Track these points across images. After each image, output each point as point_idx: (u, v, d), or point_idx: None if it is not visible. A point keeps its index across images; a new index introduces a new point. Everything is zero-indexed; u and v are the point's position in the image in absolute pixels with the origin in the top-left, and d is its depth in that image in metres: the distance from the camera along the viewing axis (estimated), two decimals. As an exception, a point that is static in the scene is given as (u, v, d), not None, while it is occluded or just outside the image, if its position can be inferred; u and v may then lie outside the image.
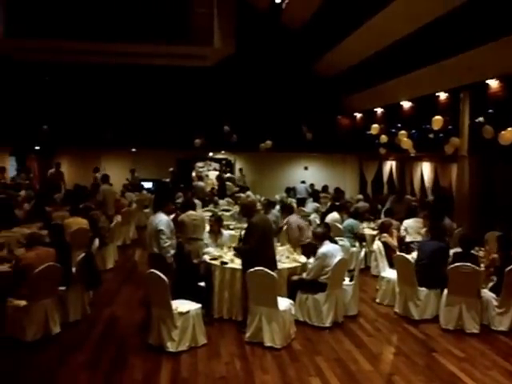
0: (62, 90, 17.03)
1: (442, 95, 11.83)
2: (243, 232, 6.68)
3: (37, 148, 17.69)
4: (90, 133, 16.43)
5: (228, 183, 16.60)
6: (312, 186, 16.06)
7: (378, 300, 7.89)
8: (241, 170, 19.13)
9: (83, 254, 6.80)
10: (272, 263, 6.29)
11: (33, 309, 5.93)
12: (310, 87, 17.88)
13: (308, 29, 16.10)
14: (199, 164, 19.81)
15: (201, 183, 15.49)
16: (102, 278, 7.48)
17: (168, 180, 17.14)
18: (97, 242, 7.75)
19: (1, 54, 15.49)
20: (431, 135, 11.37)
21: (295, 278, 6.83)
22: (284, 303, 6.11)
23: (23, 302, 5.95)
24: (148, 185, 17.46)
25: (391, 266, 7.98)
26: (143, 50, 15.09)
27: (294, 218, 8.86)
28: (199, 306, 6.01)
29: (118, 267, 9.78)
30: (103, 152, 18.40)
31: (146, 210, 14.19)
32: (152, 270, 5.81)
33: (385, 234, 8.55)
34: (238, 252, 6.69)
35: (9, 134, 15.83)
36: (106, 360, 5.56)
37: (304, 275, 6.85)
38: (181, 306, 5.86)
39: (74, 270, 6.70)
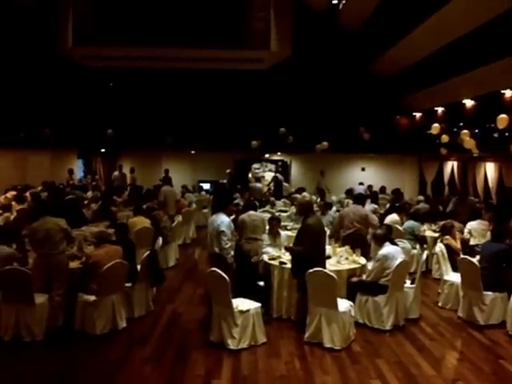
0: (126, 96, 17.69)
1: (508, 93, 11.39)
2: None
3: (102, 151, 18.46)
4: (152, 136, 16.98)
5: (285, 184, 16.66)
6: (370, 187, 15.85)
7: (440, 304, 7.70)
8: (322, 172, 18.12)
9: (148, 252, 7.06)
10: (323, 266, 6.30)
11: (101, 304, 6.23)
12: (367, 87, 17.67)
13: (366, 28, 15.93)
14: (255, 165, 20.00)
15: (258, 184, 15.62)
16: (165, 276, 7.73)
17: (225, 181, 17.42)
18: (160, 240, 8.03)
19: (69, 61, 16.29)
20: (495, 134, 10.98)
21: (355, 279, 6.79)
22: (344, 304, 6.10)
23: (92, 297, 6.26)
24: (206, 186, 17.81)
25: (454, 269, 7.76)
26: (202, 54, 15.46)
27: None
28: (259, 305, 6.10)
29: (179, 265, 10.07)
30: (164, 154, 18.94)
31: (205, 211, 14.51)
32: (213, 269, 5.96)
33: (447, 237, 8.34)
34: (291, 252, 6.64)
35: (76, 138, 16.64)
36: (170, 355, 5.76)
37: (364, 277, 6.81)
38: (241, 304, 5.97)
39: (138, 267, 6.98)
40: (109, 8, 15.10)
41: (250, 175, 18.88)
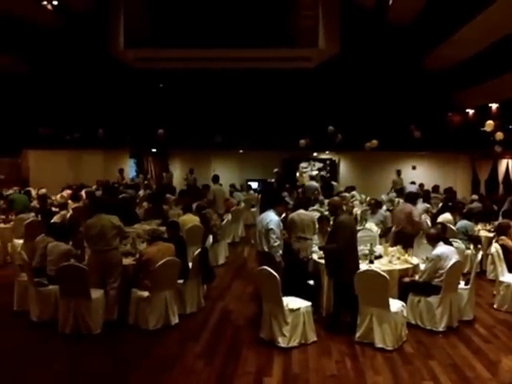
0: (176, 96, 18.03)
1: None
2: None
3: (153, 150, 18.90)
4: (201, 135, 17.24)
5: (333, 183, 16.53)
6: (421, 186, 15.50)
7: (495, 305, 7.45)
8: (398, 172, 17.55)
9: (199, 250, 7.19)
10: (356, 265, 6.26)
11: (154, 299, 6.39)
12: (418, 83, 17.27)
13: (416, 23, 15.56)
14: (303, 164, 19.95)
15: (314, 183, 15.31)
16: (215, 273, 7.86)
17: (273, 180, 17.46)
18: (211, 238, 8.16)
19: (121, 63, 16.77)
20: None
21: (407, 279, 6.67)
22: (396, 305, 6.01)
23: (146, 293, 6.43)
24: (254, 185, 17.92)
25: (510, 270, 7.51)
26: (250, 54, 15.56)
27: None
28: (309, 303, 6.09)
29: (229, 263, 10.20)
30: (213, 153, 19.20)
31: (253, 209, 14.62)
32: (264, 267, 6.00)
33: (503, 237, 8.04)
34: (324, 250, 6.64)
35: (128, 138, 17.12)
36: (221, 351, 5.85)
37: (416, 277, 6.69)
38: (291, 302, 5.99)
39: (190, 264, 7.12)
40: (159, 11, 15.44)
41: (297, 174, 18.84)
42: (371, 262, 6.79)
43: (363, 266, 6.54)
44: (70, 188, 14.51)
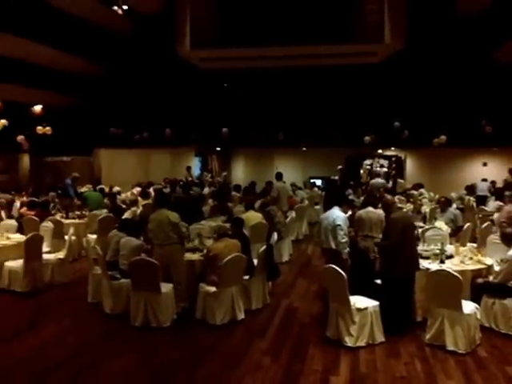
0: (239, 95, 18.21)
1: None
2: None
3: (217, 149, 19.22)
4: (264, 133, 17.32)
5: (400, 180, 16.12)
6: (493, 183, 14.81)
7: None
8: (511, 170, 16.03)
9: (264, 247, 7.23)
10: (414, 263, 6.09)
11: (221, 295, 6.50)
12: (489, 76, 16.46)
13: (487, 14, 14.83)
14: (367, 161, 19.60)
15: (379, 180, 14.92)
16: (280, 270, 7.87)
17: (337, 178, 17.27)
18: (275, 235, 8.19)
19: (187, 64, 17.13)
20: None
21: (480, 280, 6.40)
22: (468, 307, 5.77)
23: (213, 288, 6.55)
24: (318, 182, 17.80)
25: None
26: (313, 51, 15.37)
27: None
28: (377, 303, 5.97)
29: (293, 261, 10.20)
30: (276, 151, 19.24)
31: (317, 207, 14.51)
32: (330, 265, 5.95)
33: None
34: (379, 247, 6.57)
35: (194, 137, 17.49)
36: (287, 348, 5.85)
37: (490, 278, 6.40)
38: (359, 302, 5.90)
39: (254, 261, 7.18)
40: (225, 11, 15.60)
41: (361, 171, 18.53)
42: (442, 261, 6.57)
43: (434, 265, 6.34)
44: (139, 186, 15.03)
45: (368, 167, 19.28)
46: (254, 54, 15.51)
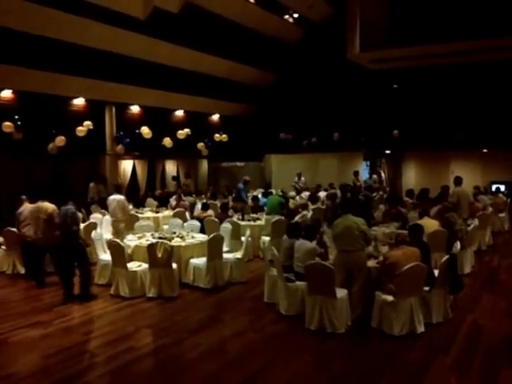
0: (411, 95, 17.46)
1: None
2: None
3: (387, 152, 18.65)
4: (439, 135, 16.31)
5: None
6: None
7: None
8: None
9: (447, 257, 6.72)
10: None
11: (399, 305, 6.18)
12: None
13: None
14: None
15: None
16: (463, 283, 7.25)
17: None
18: (458, 245, 7.58)
19: (356, 67, 16.97)
20: None
21: None
22: None
23: (390, 298, 6.26)
24: (501, 187, 16.16)
25: None
26: (494, 44, 14.16)
27: None
28: None
29: (476, 273, 9.32)
30: (452, 154, 17.98)
31: (502, 215, 13.15)
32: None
33: None
34: None
35: (363, 140, 17.21)
36: (475, 368, 5.32)
37: None
38: None
39: (435, 271, 6.70)
40: (396, 10, 15.14)
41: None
42: None
43: None
44: (307, 190, 15.24)
45: None
46: (425, 51, 14.81)
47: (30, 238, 8.85)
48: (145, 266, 8.17)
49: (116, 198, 10.72)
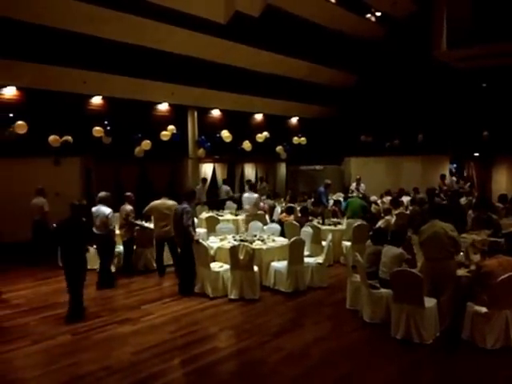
0: (502, 94, 16.47)
1: None
2: None
3: (476, 155, 17.73)
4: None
5: None
6: None
7: None
8: None
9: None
10: None
11: (494, 317, 5.83)
12: None
13: None
14: None
15: None
16: None
17: None
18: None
19: (442, 65, 16.28)
20: None
21: None
22: None
23: (484, 309, 5.91)
24: None
25: None
26: None
27: None
28: None
29: None
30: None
31: None
32: None
33: None
34: None
35: (449, 142, 16.46)
36: None
37: None
38: None
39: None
40: (487, 7, 14.39)
41: None
42: None
43: None
44: (388, 194, 14.78)
45: None
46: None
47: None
48: (226, 267, 8.28)
49: (250, 196, 12.15)
